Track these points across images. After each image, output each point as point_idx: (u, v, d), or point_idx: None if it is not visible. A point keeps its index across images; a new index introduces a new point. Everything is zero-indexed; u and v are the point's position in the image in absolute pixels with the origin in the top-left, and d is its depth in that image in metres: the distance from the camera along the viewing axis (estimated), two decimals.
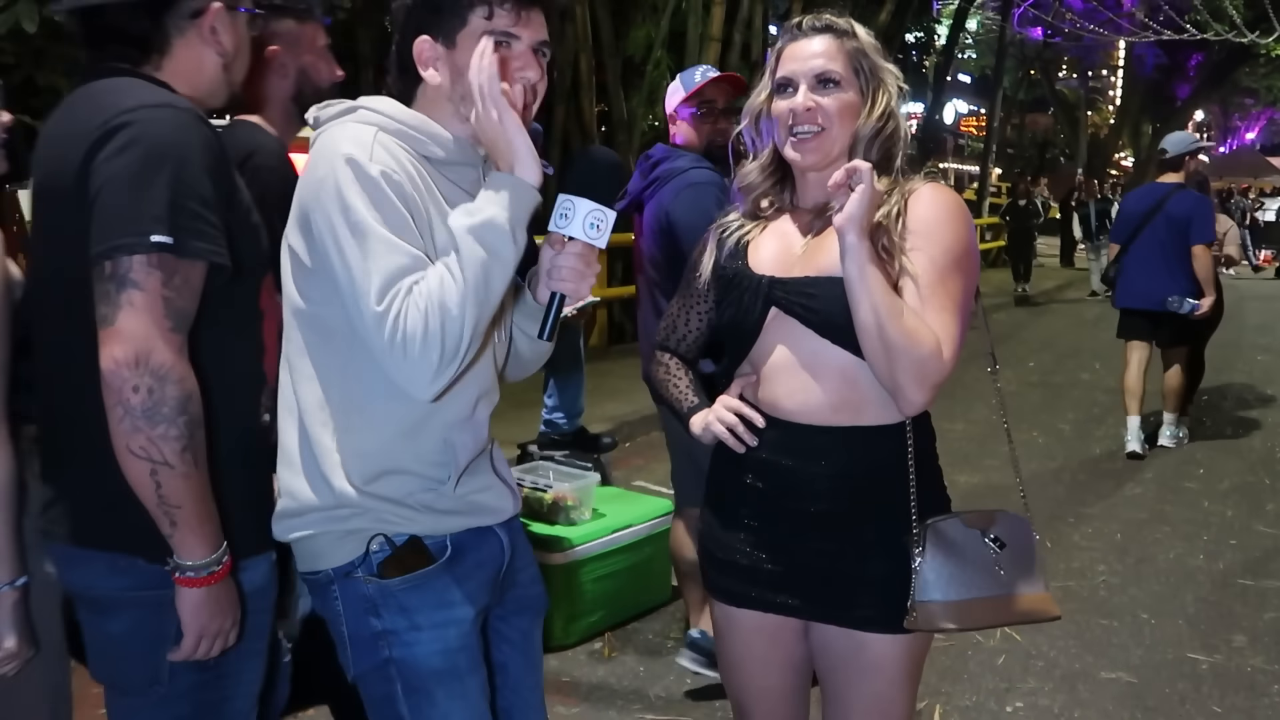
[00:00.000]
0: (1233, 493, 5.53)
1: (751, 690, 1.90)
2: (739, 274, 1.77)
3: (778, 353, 1.73)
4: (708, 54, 9.91)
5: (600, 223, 1.54)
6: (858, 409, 1.70)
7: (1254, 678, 3.44)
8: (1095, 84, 34.22)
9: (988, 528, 1.72)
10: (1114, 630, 3.78)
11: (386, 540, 1.54)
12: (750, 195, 1.83)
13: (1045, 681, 3.38)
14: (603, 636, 3.63)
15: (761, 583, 1.78)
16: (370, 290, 1.41)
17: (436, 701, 1.55)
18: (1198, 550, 4.63)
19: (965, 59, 30.54)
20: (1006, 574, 1.71)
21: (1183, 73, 26.47)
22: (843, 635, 1.75)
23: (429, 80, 1.55)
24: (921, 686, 3.26)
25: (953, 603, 1.67)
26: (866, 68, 1.72)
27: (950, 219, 1.69)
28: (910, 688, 1.80)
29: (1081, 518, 5.05)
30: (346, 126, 1.51)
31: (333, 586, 1.56)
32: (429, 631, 1.55)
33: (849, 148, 1.72)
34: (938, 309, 1.63)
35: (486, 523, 1.63)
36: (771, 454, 1.74)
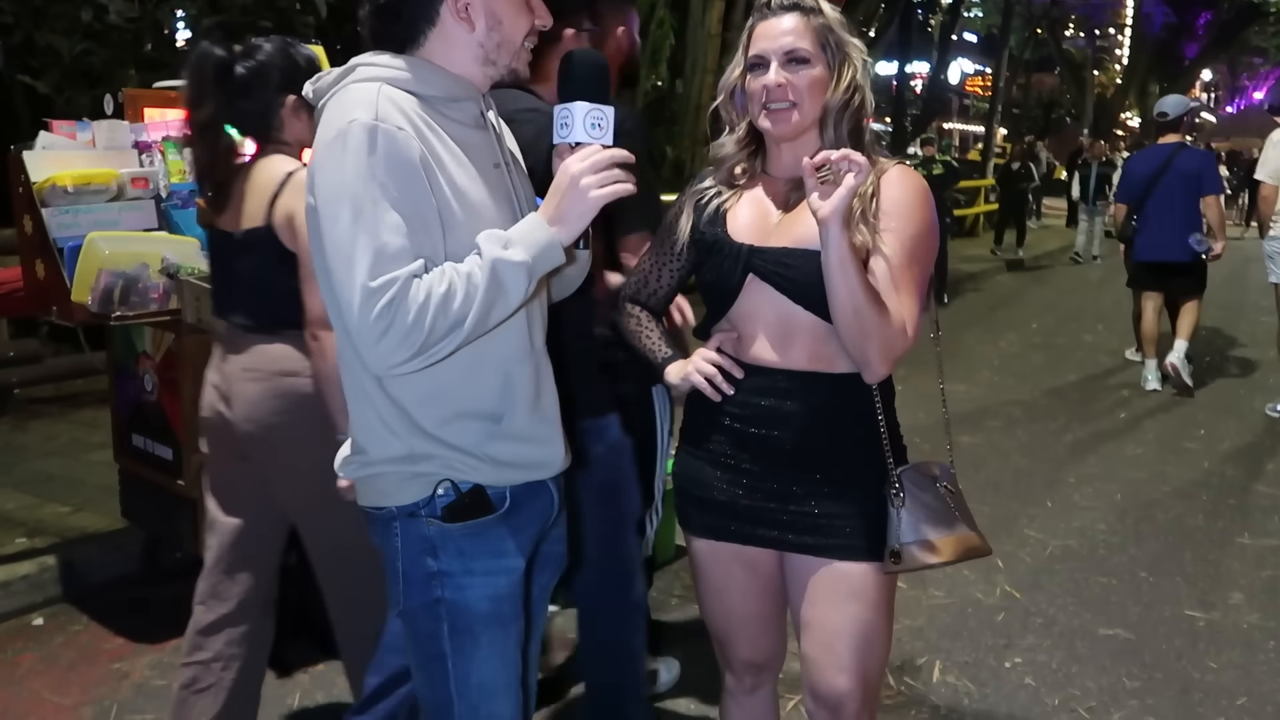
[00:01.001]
0: (1233, 453, 5.56)
1: (734, 618, 2.00)
2: (718, 240, 1.87)
3: (755, 313, 1.85)
4: (711, 13, 9.84)
5: (600, 121, 1.58)
6: (830, 360, 1.82)
7: (1250, 634, 3.48)
8: (1102, 43, 33.90)
9: (937, 476, 1.86)
10: (1113, 588, 3.82)
11: (453, 486, 1.58)
12: (724, 165, 1.93)
13: (1044, 638, 3.43)
14: None
15: (740, 516, 1.89)
16: (362, 262, 1.41)
17: (480, 644, 1.62)
18: (1197, 510, 4.67)
19: (971, 18, 30.27)
20: (960, 514, 1.85)
21: (1191, 32, 26.23)
22: (819, 565, 1.85)
23: (458, 28, 1.57)
24: (921, 643, 3.34)
25: (927, 541, 1.80)
26: (833, 43, 1.81)
27: (919, 202, 1.80)
28: (888, 614, 1.89)
29: (1082, 478, 5.08)
30: (350, 90, 1.52)
31: (395, 524, 1.61)
32: (481, 577, 1.61)
33: (819, 119, 1.82)
34: (904, 291, 1.75)
35: (542, 476, 1.68)
36: (749, 395, 1.85)
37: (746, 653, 2.04)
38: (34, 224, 3.12)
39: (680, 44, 10.06)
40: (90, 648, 3.31)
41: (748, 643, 2.03)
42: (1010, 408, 6.46)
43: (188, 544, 3.31)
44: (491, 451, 1.59)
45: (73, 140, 3.30)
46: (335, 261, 1.44)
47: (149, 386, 3.33)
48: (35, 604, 3.55)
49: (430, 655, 1.63)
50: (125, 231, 3.13)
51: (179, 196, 3.27)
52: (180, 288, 2.95)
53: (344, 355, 1.61)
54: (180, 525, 3.29)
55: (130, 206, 3.19)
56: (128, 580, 3.73)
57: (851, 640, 1.85)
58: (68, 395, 5.78)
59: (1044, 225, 19.27)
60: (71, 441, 5.07)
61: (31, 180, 3.10)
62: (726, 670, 2.09)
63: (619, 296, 2.08)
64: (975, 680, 3.16)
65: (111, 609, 3.53)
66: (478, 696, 1.63)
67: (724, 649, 2.06)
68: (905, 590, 3.65)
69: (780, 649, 2.08)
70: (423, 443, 1.57)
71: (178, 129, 3.40)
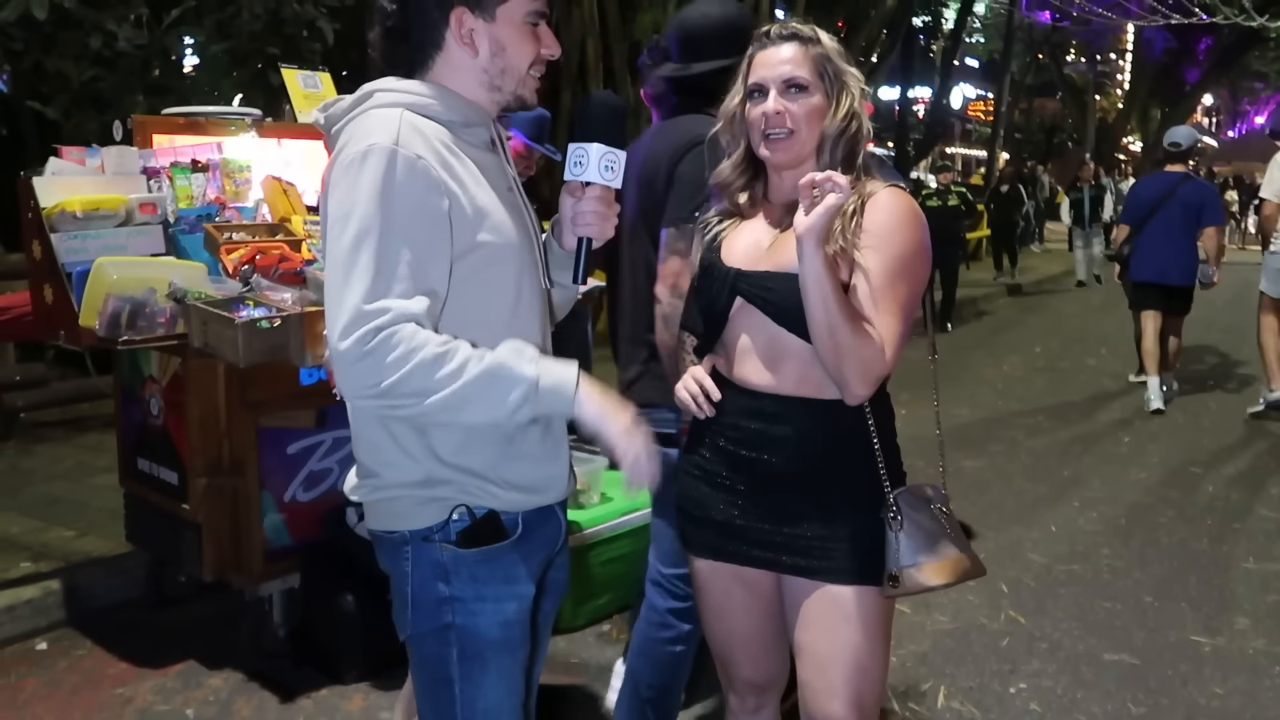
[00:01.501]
0: (1237, 477, 5.55)
1: (736, 638, 2.01)
2: (711, 265, 1.91)
3: (744, 336, 1.88)
4: None
5: (614, 165, 1.63)
6: (819, 385, 1.82)
7: (1256, 660, 3.47)
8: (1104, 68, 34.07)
9: (930, 499, 1.86)
10: (1117, 613, 3.81)
11: (468, 511, 1.59)
12: (726, 191, 1.96)
13: (1049, 663, 3.41)
14: (611, 619, 3.67)
15: (736, 536, 1.90)
16: (359, 283, 1.42)
17: (488, 670, 1.62)
18: (1201, 534, 4.65)
19: (973, 43, 30.42)
20: (954, 537, 1.84)
21: (1192, 57, 26.32)
22: (812, 588, 1.86)
23: (461, 54, 1.59)
24: (925, 668, 3.33)
25: (924, 564, 1.79)
26: (831, 72, 1.84)
27: (903, 225, 1.80)
28: (884, 637, 1.89)
29: (1086, 501, 5.07)
30: (371, 115, 1.53)
31: (406, 548, 1.61)
32: (492, 603, 1.61)
33: (818, 146, 1.85)
34: (884, 311, 1.76)
35: (551, 499, 1.69)
36: (741, 418, 1.87)
37: (748, 673, 2.04)
38: (43, 249, 3.14)
39: None
40: (94, 672, 3.30)
41: (749, 662, 2.03)
42: (1014, 431, 6.46)
43: (193, 568, 3.31)
44: (506, 475, 1.60)
45: (82, 166, 3.33)
46: (333, 277, 1.45)
47: (155, 410, 3.35)
48: (39, 628, 3.55)
49: (437, 680, 1.63)
50: (133, 256, 3.15)
51: (186, 222, 3.29)
52: (187, 312, 2.97)
53: None
54: (185, 549, 3.29)
55: (138, 232, 3.21)
56: (132, 604, 3.73)
57: (845, 666, 1.84)
58: (73, 419, 5.79)
59: (1046, 249, 19.29)
60: (77, 465, 5.08)
61: (41, 205, 3.13)
62: (729, 691, 2.09)
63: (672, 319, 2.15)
64: (980, 706, 3.15)
65: (116, 633, 3.53)
66: None
67: (726, 669, 2.07)
68: (909, 615, 3.64)
69: (783, 669, 2.08)
70: (439, 467, 1.57)
71: (186, 155, 3.44)
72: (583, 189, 1.65)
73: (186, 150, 3.46)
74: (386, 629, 1.72)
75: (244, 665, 3.29)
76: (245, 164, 3.54)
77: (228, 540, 3.26)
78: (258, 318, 2.85)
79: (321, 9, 6.19)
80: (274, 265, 3.17)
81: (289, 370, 3.06)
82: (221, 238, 3.21)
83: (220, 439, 3.21)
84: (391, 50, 1.61)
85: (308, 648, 3.29)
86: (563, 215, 1.72)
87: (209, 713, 3.06)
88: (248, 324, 2.82)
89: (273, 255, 3.19)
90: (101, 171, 3.32)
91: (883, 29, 14.68)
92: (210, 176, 3.43)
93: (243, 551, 3.25)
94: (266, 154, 3.66)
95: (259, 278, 3.08)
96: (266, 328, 2.84)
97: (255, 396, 3.19)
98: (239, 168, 3.51)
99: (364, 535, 3.13)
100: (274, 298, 2.99)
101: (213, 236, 3.22)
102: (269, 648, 3.33)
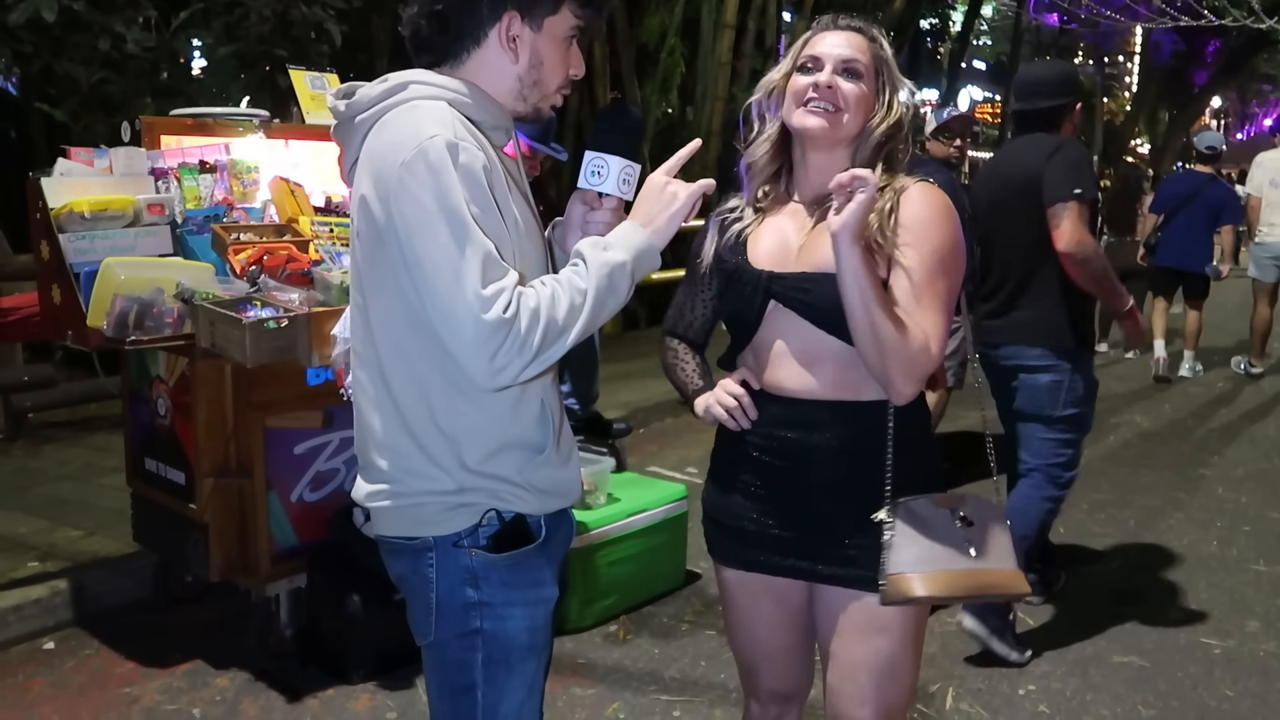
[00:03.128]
0: (1247, 479, 5.52)
1: (761, 649, 1.98)
2: (739, 268, 1.85)
3: (778, 341, 1.83)
4: (722, 41, 9.89)
5: (630, 178, 1.64)
6: (857, 387, 1.79)
7: (1267, 663, 3.45)
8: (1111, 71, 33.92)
9: (957, 508, 1.80)
10: (1127, 615, 3.79)
11: (498, 515, 1.57)
12: (755, 176, 1.90)
13: (1058, 665, 3.40)
14: (618, 620, 3.66)
15: (769, 547, 1.87)
16: (472, 272, 1.40)
17: (513, 674, 1.61)
18: (1211, 536, 4.63)
19: (980, 45, 30.33)
20: (977, 551, 1.79)
21: (1200, 59, 26.22)
22: (850, 597, 1.82)
23: (500, 57, 1.57)
24: (934, 670, 3.31)
25: (923, 574, 1.74)
26: (886, 74, 1.82)
27: (939, 220, 1.77)
28: (915, 648, 1.86)
29: (1096, 504, 5.05)
30: (419, 107, 1.50)
31: (429, 554, 1.58)
32: (521, 608, 1.60)
33: (855, 139, 1.81)
34: (926, 307, 1.72)
35: (569, 502, 1.69)
36: (776, 427, 1.83)
37: (772, 683, 2.02)
38: (51, 249, 3.14)
39: (691, 72, 10.11)
40: (101, 672, 3.31)
41: (774, 674, 2.01)
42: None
43: (199, 568, 3.31)
44: (534, 479, 1.59)
45: (90, 167, 3.33)
46: (439, 278, 1.42)
47: (162, 411, 3.35)
48: (46, 628, 3.55)
49: (459, 686, 1.61)
50: (141, 257, 3.15)
51: (194, 222, 3.29)
52: (195, 313, 2.97)
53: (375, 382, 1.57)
54: (192, 549, 3.30)
55: (146, 232, 3.21)
56: (139, 604, 3.73)
57: (874, 674, 1.82)
58: (81, 420, 5.80)
59: None
60: (85, 466, 5.08)
61: (49, 206, 3.13)
62: (751, 698, 2.07)
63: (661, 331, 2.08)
64: (989, 708, 3.13)
65: (123, 633, 3.53)
66: None
67: (750, 679, 2.04)
68: None
69: (807, 680, 2.05)
70: (468, 475, 1.55)
71: (193, 156, 3.45)
72: (599, 199, 1.65)
73: (194, 151, 3.46)
74: (393, 629, 1.71)
75: (251, 665, 3.29)
76: (253, 165, 3.54)
77: (234, 540, 3.26)
78: (265, 318, 2.85)
79: (329, 11, 6.20)
80: (281, 266, 3.17)
81: (296, 371, 3.07)
82: (229, 238, 3.21)
83: (227, 439, 3.22)
84: (428, 36, 1.58)
85: (314, 648, 3.29)
86: (570, 220, 1.70)
87: (215, 713, 3.06)
88: (255, 324, 2.82)
89: (280, 256, 3.19)
90: (110, 172, 3.33)
91: (890, 31, 14.66)
92: (218, 177, 3.43)
93: (249, 552, 3.25)
94: (274, 155, 3.66)
95: (266, 278, 3.08)
96: (274, 328, 2.85)
97: (262, 397, 3.19)
98: (246, 169, 3.52)
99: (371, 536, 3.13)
100: (281, 298, 2.99)
101: (220, 237, 3.22)
102: (276, 648, 3.33)
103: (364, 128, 1.55)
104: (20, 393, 5.58)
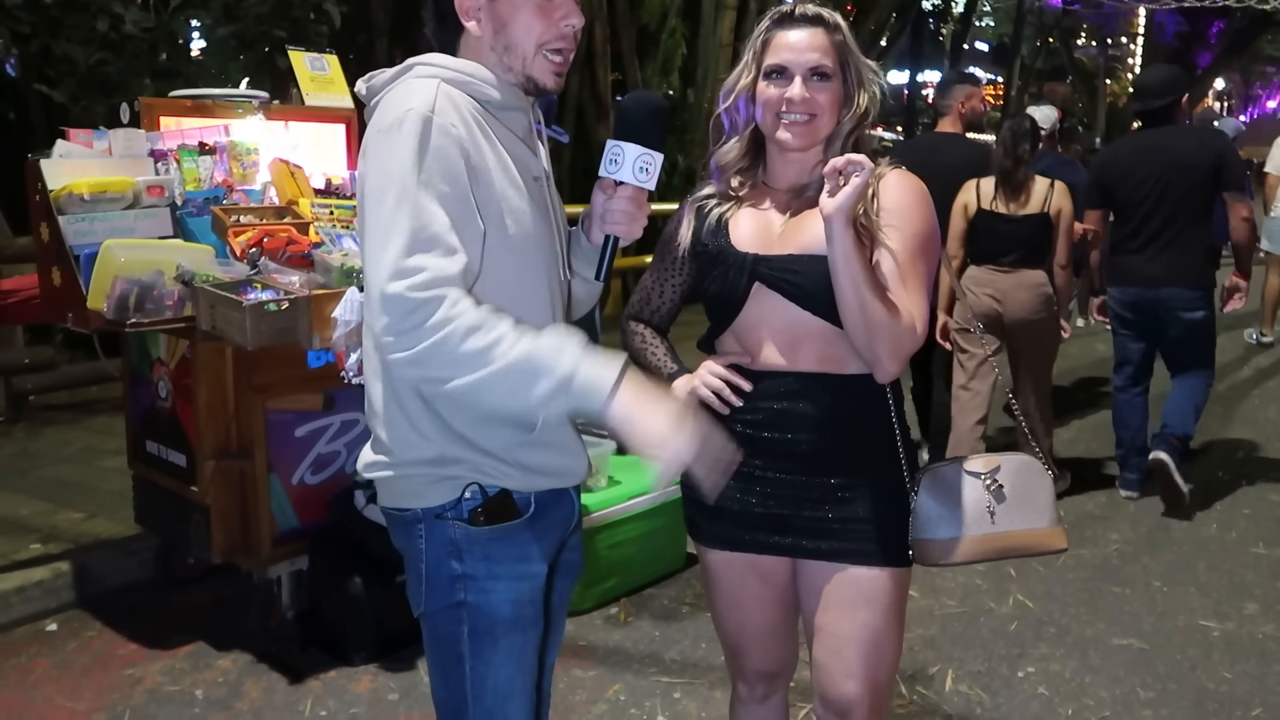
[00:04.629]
0: (1247, 462, 5.53)
1: (748, 628, 2.00)
2: (722, 250, 1.86)
3: (762, 322, 1.85)
4: (723, 22, 9.85)
5: (649, 166, 1.62)
6: (840, 362, 1.82)
7: (1265, 645, 3.46)
8: (1114, 52, 33.78)
9: (991, 471, 1.85)
10: (1126, 598, 3.80)
11: (480, 489, 1.58)
12: (726, 172, 1.92)
13: (1057, 648, 3.41)
14: (619, 602, 3.67)
15: (753, 525, 1.88)
16: (397, 241, 1.41)
17: (499, 648, 1.62)
18: (1211, 519, 4.64)
19: (983, 27, 30.18)
20: (998, 514, 1.84)
21: (1203, 40, 26.12)
22: (833, 570, 1.85)
23: (471, 31, 1.59)
24: (933, 651, 3.33)
25: (947, 540, 1.81)
26: (852, 64, 1.82)
27: (917, 203, 1.81)
28: (899, 620, 1.89)
29: (1096, 487, 5.05)
30: (409, 84, 1.54)
31: (419, 525, 1.61)
32: (505, 582, 1.61)
33: (830, 133, 1.83)
34: (910, 288, 1.76)
35: (565, 484, 1.69)
36: (760, 400, 1.85)
37: (759, 663, 2.04)
38: (50, 231, 3.14)
39: (692, 53, 10.08)
40: (103, 653, 3.32)
41: (760, 652, 2.03)
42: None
43: (201, 550, 3.32)
44: (521, 458, 1.59)
45: (89, 149, 3.32)
46: (372, 240, 1.45)
47: (163, 393, 3.35)
48: (49, 609, 3.56)
49: (449, 657, 1.64)
50: (141, 239, 3.15)
51: (194, 204, 3.29)
52: (195, 295, 2.96)
53: (373, 353, 1.60)
54: (193, 531, 3.30)
55: (146, 214, 3.20)
56: (141, 586, 3.74)
57: (861, 647, 1.84)
58: (82, 402, 5.81)
59: None
60: (86, 448, 5.09)
61: (48, 188, 3.13)
62: (738, 679, 2.08)
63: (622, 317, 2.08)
64: (988, 690, 3.15)
65: (125, 615, 3.54)
66: (493, 700, 1.63)
67: (736, 659, 2.06)
68: (917, 599, 3.64)
69: (792, 657, 2.08)
70: (453, 446, 1.56)
71: (193, 137, 3.43)
72: (615, 187, 1.65)
73: (194, 133, 3.46)
74: (394, 611, 1.72)
75: (252, 647, 3.30)
76: (252, 147, 3.53)
77: (236, 523, 3.27)
78: (265, 300, 2.85)
79: None
80: (281, 248, 3.17)
81: (297, 353, 3.06)
82: (229, 220, 3.20)
83: (228, 422, 3.22)
84: (435, 29, 1.62)
85: (316, 630, 3.30)
86: (593, 210, 1.71)
87: (218, 694, 3.07)
88: (255, 306, 2.82)
89: (280, 238, 3.19)
90: (109, 154, 3.32)
91: (892, 13, 14.59)
92: (218, 159, 3.42)
93: (251, 534, 3.26)
94: (274, 137, 3.66)
95: (266, 260, 3.08)
96: (274, 310, 2.84)
97: (263, 379, 3.18)
98: (246, 150, 3.51)
99: (372, 518, 3.13)
100: (281, 280, 2.98)
101: (220, 219, 3.22)
102: (277, 630, 3.34)
103: (375, 109, 1.58)
104: (21, 375, 5.58)
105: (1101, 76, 28.56)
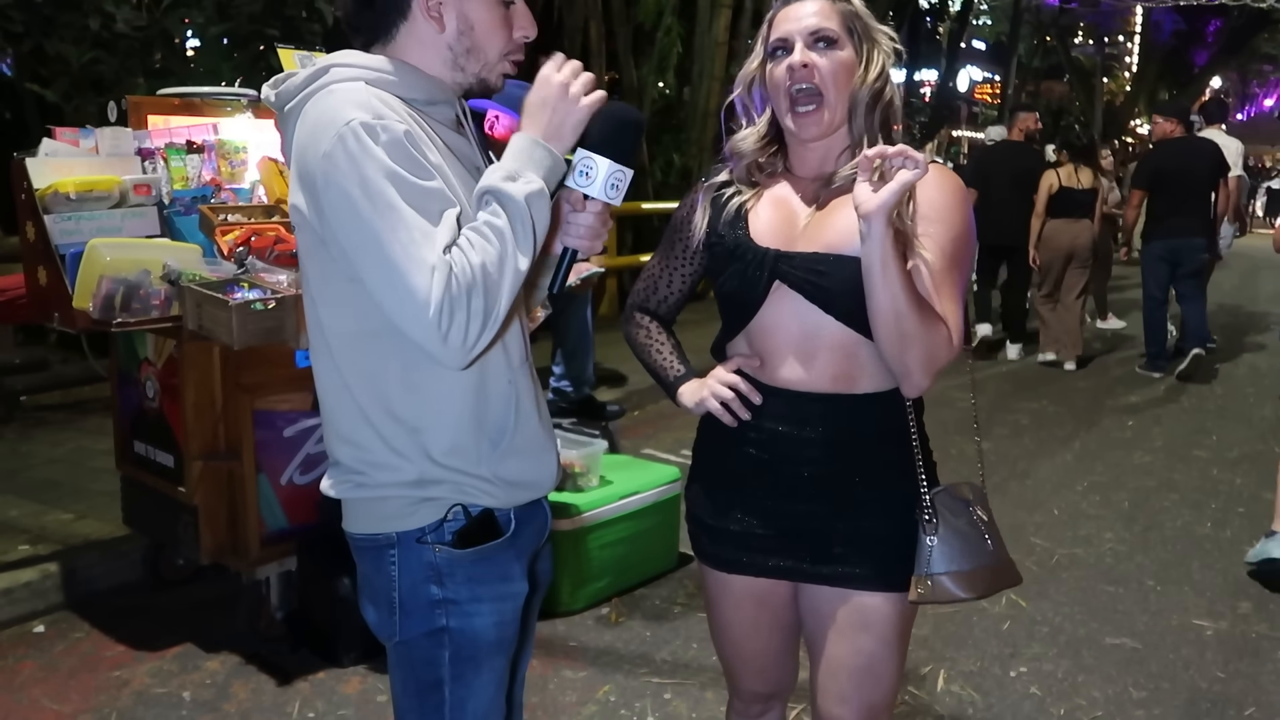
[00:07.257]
0: (1242, 461, 5.52)
1: (743, 653, 1.93)
2: (740, 244, 1.73)
3: (778, 326, 1.72)
4: (718, 20, 9.82)
5: (620, 183, 1.53)
6: (853, 379, 1.71)
7: (1259, 644, 3.45)
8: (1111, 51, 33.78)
9: (969, 501, 1.75)
10: (1119, 597, 3.79)
11: (463, 510, 1.53)
12: (742, 161, 1.79)
13: (1050, 647, 3.40)
14: (610, 602, 3.66)
15: (754, 548, 1.79)
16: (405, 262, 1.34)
17: (481, 671, 1.57)
18: (1205, 518, 4.63)
19: (980, 25, 30.16)
20: (992, 543, 1.75)
21: (1200, 39, 26.14)
22: (835, 595, 1.77)
23: (425, 25, 1.51)
24: (926, 651, 3.31)
25: (958, 574, 1.69)
26: (860, 29, 1.69)
27: (957, 204, 1.67)
28: (901, 647, 1.81)
29: (1091, 486, 5.05)
30: (335, 91, 1.44)
31: (391, 551, 1.54)
32: (489, 604, 1.55)
33: (848, 112, 1.70)
34: (946, 296, 1.62)
35: (541, 493, 1.65)
36: (768, 421, 1.75)
37: (754, 685, 1.97)
38: (36, 231, 3.12)
39: (688, 51, 10.05)
40: (91, 655, 3.30)
41: (755, 675, 1.96)
42: (1017, 415, 6.43)
43: (189, 551, 3.31)
44: (501, 471, 1.54)
45: (75, 147, 3.30)
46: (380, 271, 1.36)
47: (151, 393, 3.33)
48: (37, 611, 3.54)
49: (425, 684, 1.57)
50: (127, 238, 3.13)
51: (181, 203, 3.27)
52: (182, 294, 2.95)
53: (331, 376, 1.53)
54: (182, 532, 3.29)
55: (133, 213, 3.18)
56: (130, 588, 3.72)
57: (856, 673, 1.77)
58: (74, 402, 5.79)
59: None
60: (76, 449, 5.07)
61: (34, 187, 3.10)
62: (734, 694, 2.03)
63: (626, 304, 1.97)
64: (980, 689, 3.13)
65: (113, 616, 3.52)
66: None
67: (732, 678, 2.00)
68: None
69: (790, 678, 2.00)
70: (432, 467, 1.50)
71: (181, 136, 3.42)
72: (583, 201, 1.55)
73: (182, 131, 3.43)
74: None
75: (241, 648, 3.29)
76: (241, 145, 3.51)
77: (224, 523, 3.25)
78: (252, 300, 2.83)
79: None
80: (269, 247, 3.15)
81: (284, 353, 3.05)
82: (217, 219, 3.19)
83: (216, 422, 3.20)
84: (356, 15, 1.53)
85: (305, 631, 3.29)
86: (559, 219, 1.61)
87: (206, 695, 3.05)
88: (242, 306, 2.80)
89: (268, 237, 3.17)
90: (96, 153, 3.30)
91: (889, 10, 14.58)
92: (205, 158, 3.40)
93: (239, 535, 3.24)
94: (263, 135, 3.62)
95: (254, 260, 3.06)
96: (261, 310, 2.83)
97: (251, 379, 3.17)
98: (235, 149, 3.49)
99: None
100: (269, 280, 2.97)
101: (208, 218, 3.20)
102: (266, 631, 3.33)
103: (293, 118, 1.49)
104: (12, 375, 5.56)
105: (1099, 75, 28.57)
